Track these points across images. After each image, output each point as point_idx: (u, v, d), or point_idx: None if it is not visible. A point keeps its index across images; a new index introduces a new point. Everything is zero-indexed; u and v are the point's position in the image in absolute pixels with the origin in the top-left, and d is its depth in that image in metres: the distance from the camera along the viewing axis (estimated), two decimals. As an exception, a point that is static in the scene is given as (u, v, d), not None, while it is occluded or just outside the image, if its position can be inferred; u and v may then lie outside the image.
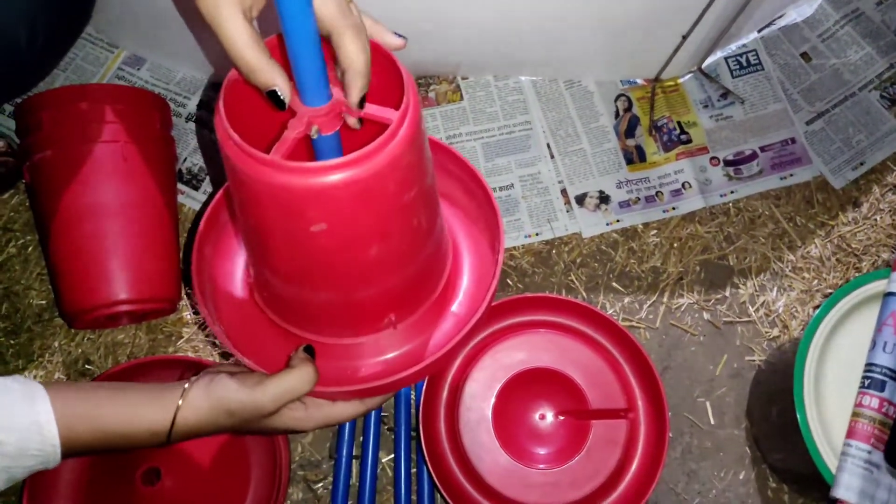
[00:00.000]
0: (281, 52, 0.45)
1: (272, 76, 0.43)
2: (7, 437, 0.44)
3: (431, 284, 0.57)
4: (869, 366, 0.64)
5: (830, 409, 0.65)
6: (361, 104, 0.45)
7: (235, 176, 0.44)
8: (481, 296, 0.58)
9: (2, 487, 0.45)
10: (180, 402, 0.50)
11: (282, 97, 0.43)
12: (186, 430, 0.51)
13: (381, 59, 0.46)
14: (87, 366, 0.79)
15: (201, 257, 0.56)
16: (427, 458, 0.69)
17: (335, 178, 0.41)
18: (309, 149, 0.48)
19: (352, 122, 0.46)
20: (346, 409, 0.56)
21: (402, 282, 0.53)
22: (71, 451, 0.47)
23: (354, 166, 0.41)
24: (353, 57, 0.44)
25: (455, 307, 0.59)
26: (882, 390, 0.62)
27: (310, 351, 0.54)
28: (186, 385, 0.51)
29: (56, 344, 0.80)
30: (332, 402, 0.55)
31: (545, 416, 0.74)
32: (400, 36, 0.49)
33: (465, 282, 0.60)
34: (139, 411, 0.50)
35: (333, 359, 0.56)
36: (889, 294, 0.66)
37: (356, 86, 0.44)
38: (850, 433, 0.62)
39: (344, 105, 0.45)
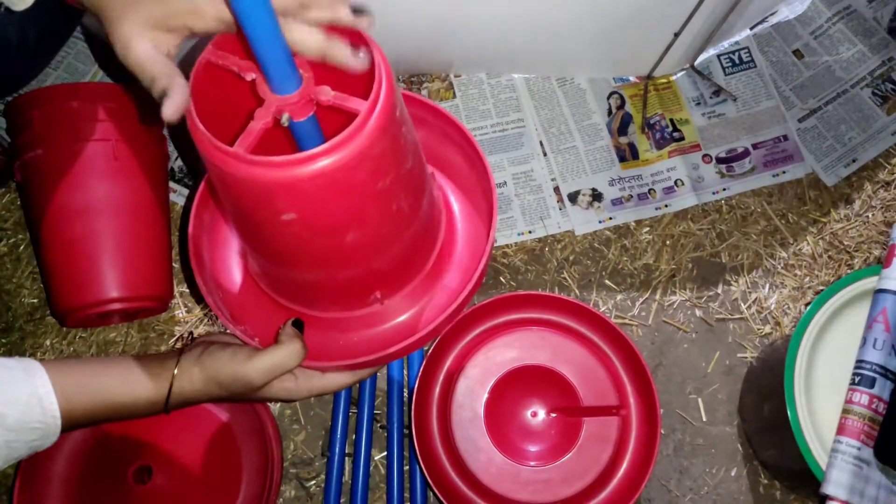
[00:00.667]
0: (243, 44, 0.43)
1: (170, 83, 0.42)
2: (8, 410, 0.45)
3: (419, 261, 0.57)
4: (859, 363, 0.64)
5: (821, 405, 0.65)
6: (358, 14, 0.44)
7: (207, 165, 0.44)
8: (474, 267, 0.56)
9: (2, 465, 0.46)
10: (175, 371, 0.52)
11: (168, 103, 0.41)
12: (182, 400, 0.53)
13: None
14: (79, 364, 0.79)
15: (199, 223, 0.57)
16: (419, 456, 0.69)
17: (301, 171, 0.40)
18: (289, 134, 0.47)
19: (326, 98, 0.43)
20: (336, 380, 0.56)
21: (386, 263, 0.52)
22: (71, 422, 0.48)
23: (321, 159, 0.40)
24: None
25: (447, 280, 0.59)
26: (872, 387, 0.63)
27: (298, 325, 0.54)
28: (181, 356, 0.53)
29: (48, 342, 0.80)
30: (322, 373, 0.56)
31: (537, 414, 0.74)
32: (360, 13, 0.47)
33: (459, 253, 0.60)
34: (136, 382, 0.52)
35: (324, 330, 0.56)
36: (879, 291, 0.66)
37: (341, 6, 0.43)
38: (840, 430, 0.63)
39: (314, 90, 0.43)
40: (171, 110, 0.41)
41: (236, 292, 0.58)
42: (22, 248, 0.84)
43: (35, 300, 0.82)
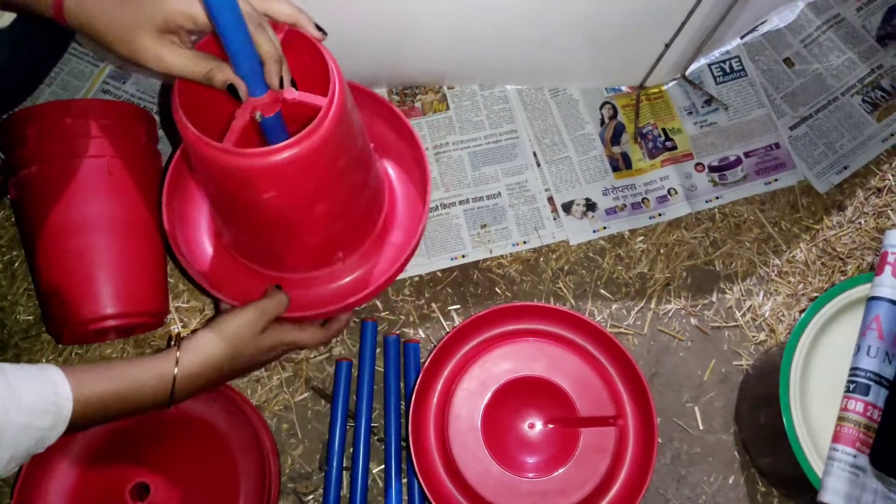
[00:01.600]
0: (223, 57, 0.53)
1: (224, 73, 0.52)
2: (24, 392, 0.47)
3: (371, 223, 0.70)
4: (854, 370, 0.65)
5: (816, 412, 0.66)
6: (290, 84, 0.55)
7: (197, 159, 0.53)
8: (415, 225, 0.71)
9: (13, 457, 0.46)
10: (179, 349, 0.57)
11: (239, 91, 0.52)
12: (188, 376, 0.57)
13: (309, 49, 0.56)
14: (74, 381, 0.79)
15: (171, 211, 0.68)
16: (417, 469, 0.69)
17: (278, 158, 0.52)
18: (258, 127, 0.57)
19: (291, 97, 0.54)
20: (314, 336, 0.67)
21: (346, 226, 0.65)
22: (82, 405, 0.50)
23: (294, 147, 0.52)
24: (263, 48, 0.52)
25: (394, 238, 0.73)
26: (866, 394, 0.63)
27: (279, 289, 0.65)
28: (177, 353, 0.57)
29: (43, 360, 0.80)
30: (300, 330, 0.65)
31: (534, 425, 0.74)
32: (320, 29, 0.57)
33: (401, 215, 0.74)
34: (143, 363, 0.56)
35: (297, 288, 0.68)
36: (872, 298, 0.66)
37: (272, 71, 0.53)
38: (836, 437, 0.63)
39: (281, 91, 0.54)
40: (244, 91, 0.52)
41: (212, 264, 0.71)
42: (17, 264, 0.83)
43: (30, 317, 0.82)
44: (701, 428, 0.80)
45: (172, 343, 0.60)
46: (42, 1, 0.52)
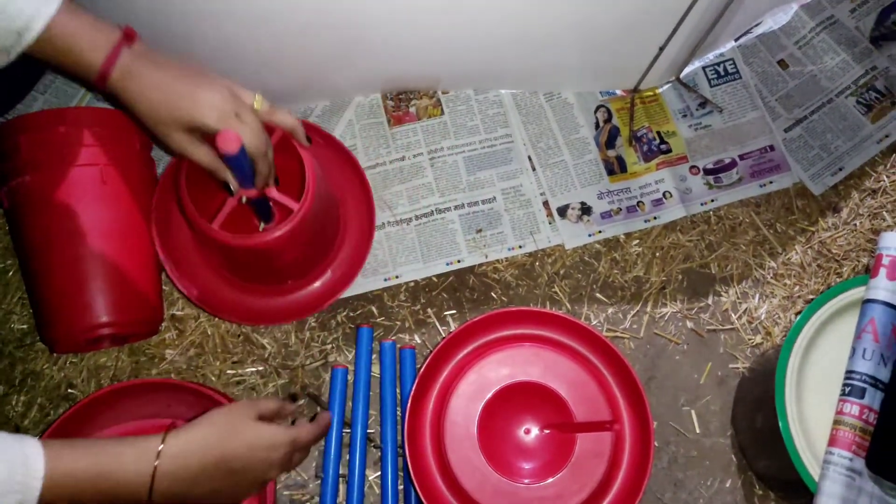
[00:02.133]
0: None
1: (225, 174, 0.65)
2: None
3: (329, 249, 0.82)
4: (849, 373, 0.65)
5: (813, 415, 0.66)
6: (274, 182, 0.70)
7: (195, 229, 0.69)
8: (364, 245, 0.83)
9: None
10: (161, 447, 0.50)
11: (231, 186, 0.67)
12: (171, 471, 0.50)
13: (295, 156, 0.70)
14: (69, 390, 0.79)
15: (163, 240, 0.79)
16: (413, 476, 0.69)
17: (252, 241, 0.68)
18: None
19: (273, 196, 0.70)
20: (309, 431, 0.62)
21: (312, 257, 0.79)
22: (52, 484, 0.45)
23: (265, 235, 0.67)
24: (260, 169, 0.66)
25: (345, 254, 0.84)
26: (862, 397, 0.63)
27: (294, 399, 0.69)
28: (163, 436, 0.51)
29: (38, 368, 0.80)
30: (296, 428, 0.60)
31: (530, 431, 0.74)
32: (309, 140, 0.70)
33: (350, 242, 0.84)
34: (124, 446, 0.50)
35: (268, 297, 0.81)
36: (867, 301, 0.66)
37: (262, 182, 0.68)
38: (832, 441, 0.63)
39: (271, 190, 0.69)
40: (235, 188, 0.67)
41: (203, 277, 0.81)
42: (10, 273, 0.83)
43: (24, 326, 0.82)
44: (698, 431, 0.80)
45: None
46: (87, 67, 0.56)
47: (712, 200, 0.88)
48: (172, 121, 0.60)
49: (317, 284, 0.82)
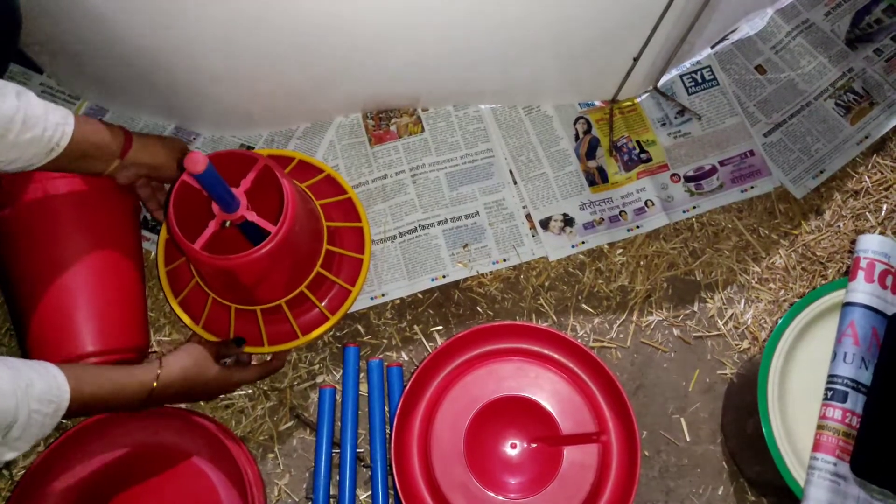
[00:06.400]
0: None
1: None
2: (36, 380, 0.55)
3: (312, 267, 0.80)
4: (831, 377, 0.65)
5: (797, 420, 0.66)
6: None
7: (181, 248, 0.69)
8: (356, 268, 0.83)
9: (20, 441, 0.55)
10: (159, 371, 0.67)
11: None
12: (167, 380, 0.67)
13: (275, 183, 0.71)
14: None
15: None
16: (401, 495, 0.69)
17: (233, 262, 0.68)
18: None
19: (253, 219, 0.71)
20: (253, 373, 0.76)
21: (293, 275, 0.77)
22: (78, 397, 0.58)
23: (245, 258, 0.68)
24: None
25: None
26: (844, 401, 0.63)
27: (239, 342, 0.77)
28: (159, 370, 0.67)
29: (27, 399, 0.80)
30: (242, 370, 0.75)
31: (517, 445, 0.74)
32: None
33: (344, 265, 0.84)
34: (131, 369, 0.66)
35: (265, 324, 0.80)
36: (846, 304, 0.66)
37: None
38: (816, 446, 0.63)
39: (246, 213, 0.70)
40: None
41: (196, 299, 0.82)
42: (-1, 305, 0.84)
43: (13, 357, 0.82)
44: (688, 439, 0.80)
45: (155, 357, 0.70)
46: (108, 154, 0.70)
47: (694, 207, 0.89)
48: (167, 174, 0.77)
49: (314, 311, 0.82)
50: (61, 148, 0.64)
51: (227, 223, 0.70)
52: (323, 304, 0.81)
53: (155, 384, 0.66)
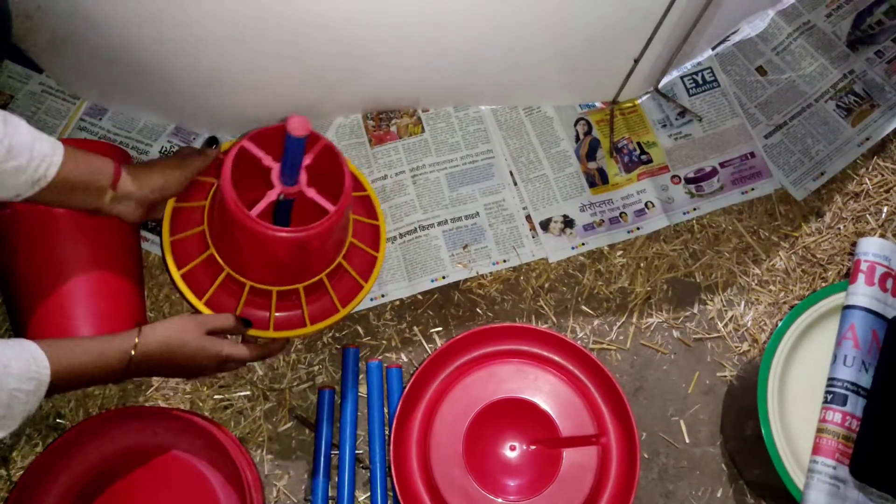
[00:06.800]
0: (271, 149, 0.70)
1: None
2: (11, 361, 0.55)
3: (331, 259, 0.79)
4: (831, 380, 0.65)
5: (797, 423, 0.66)
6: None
7: (229, 218, 0.67)
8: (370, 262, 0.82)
9: (7, 420, 0.55)
10: (137, 339, 0.65)
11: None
12: (145, 350, 0.65)
13: (337, 162, 0.71)
14: (58, 420, 0.79)
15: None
16: (400, 497, 0.69)
17: (287, 235, 0.67)
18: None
19: (311, 196, 0.70)
20: (248, 351, 0.72)
21: (317, 264, 0.77)
22: (58, 374, 0.58)
23: (301, 232, 0.67)
24: None
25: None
26: (844, 405, 0.63)
27: (246, 323, 0.74)
28: (137, 339, 0.65)
29: (26, 399, 0.80)
30: (235, 345, 0.72)
31: (516, 447, 0.74)
32: None
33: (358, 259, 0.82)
34: (109, 339, 0.64)
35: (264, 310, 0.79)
36: (847, 307, 0.66)
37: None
38: (816, 449, 0.63)
39: (305, 189, 0.70)
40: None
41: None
42: (-2, 305, 0.84)
43: (12, 357, 0.82)
44: (687, 441, 0.80)
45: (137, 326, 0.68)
46: (98, 186, 0.66)
47: (694, 209, 0.89)
48: (171, 194, 0.74)
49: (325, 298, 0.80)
50: (48, 179, 0.61)
51: (281, 197, 0.69)
52: (338, 295, 0.79)
53: (133, 352, 0.64)
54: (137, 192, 0.70)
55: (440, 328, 0.84)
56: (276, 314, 0.77)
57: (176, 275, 0.75)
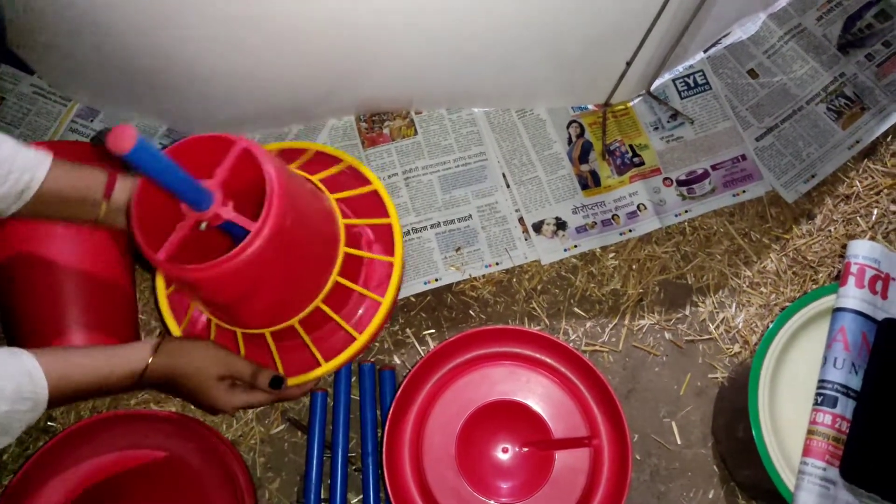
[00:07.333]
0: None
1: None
2: (4, 382, 0.52)
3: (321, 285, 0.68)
4: (821, 382, 0.65)
5: (788, 425, 0.66)
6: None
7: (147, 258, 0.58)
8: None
9: (10, 427, 0.53)
10: (150, 361, 0.61)
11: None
12: (153, 375, 0.62)
13: (257, 169, 0.57)
14: (49, 423, 0.79)
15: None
16: (393, 499, 0.69)
17: (198, 275, 0.55)
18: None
19: (227, 215, 0.58)
20: (261, 398, 0.68)
21: (295, 293, 0.65)
22: (58, 392, 0.56)
23: (214, 269, 0.54)
24: None
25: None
26: (834, 406, 0.63)
27: (276, 382, 0.67)
28: (149, 361, 0.62)
29: (17, 402, 0.80)
30: (249, 395, 0.67)
31: (508, 449, 0.74)
32: None
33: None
34: (116, 358, 0.61)
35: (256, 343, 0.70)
36: (837, 309, 0.67)
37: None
38: (806, 451, 0.63)
39: (220, 209, 0.57)
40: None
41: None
42: (-12, 307, 0.83)
43: (3, 360, 0.81)
44: (679, 443, 0.80)
45: (158, 333, 0.65)
46: (90, 197, 0.63)
47: (686, 211, 0.89)
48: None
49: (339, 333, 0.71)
50: (32, 191, 0.59)
51: (204, 225, 0.58)
52: (353, 320, 0.69)
53: (142, 376, 0.61)
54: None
55: (433, 330, 0.84)
56: (286, 355, 0.69)
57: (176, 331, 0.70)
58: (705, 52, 0.96)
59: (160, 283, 0.75)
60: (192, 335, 0.73)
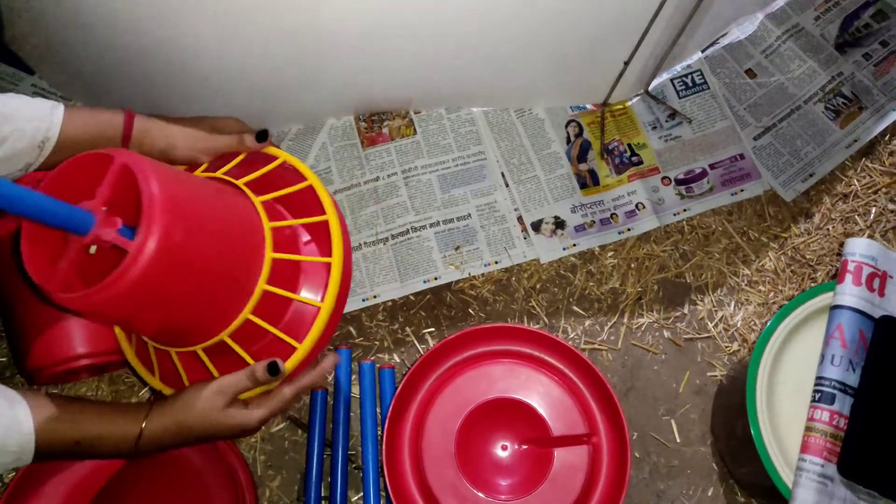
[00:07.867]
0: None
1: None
2: None
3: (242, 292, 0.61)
4: (819, 379, 0.65)
5: (786, 422, 0.66)
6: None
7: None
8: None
9: None
10: (147, 413, 0.58)
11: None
12: (152, 437, 0.58)
13: (136, 187, 0.52)
14: (50, 422, 0.79)
15: None
16: (392, 497, 0.69)
17: (83, 302, 0.50)
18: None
19: (108, 238, 0.53)
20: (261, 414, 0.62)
21: (213, 301, 0.59)
22: (45, 449, 0.53)
23: (98, 294, 0.49)
24: None
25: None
26: (832, 403, 0.63)
27: (273, 370, 0.59)
28: (154, 402, 0.59)
29: (18, 401, 0.80)
30: (249, 412, 0.61)
31: (507, 447, 0.74)
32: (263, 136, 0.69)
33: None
34: (110, 419, 0.57)
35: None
36: (835, 307, 0.67)
37: None
38: (804, 448, 0.63)
39: (102, 231, 0.52)
40: None
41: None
42: (-11, 307, 0.83)
43: (4, 359, 0.82)
44: (678, 441, 0.80)
45: (150, 398, 0.61)
46: (108, 141, 0.61)
47: (685, 210, 0.89)
48: (195, 147, 0.68)
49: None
50: (52, 140, 0.57)
51: (93, 248, 0.54)
52: (295, 329, 0.62)
53: (137, 441, 0.57)
54: (148, 146, 0.64)
55: (432, 329, 0.84)
56: (224, 371, 0.61)
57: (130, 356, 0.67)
58: (703, 51, 0.97)
59: (119, 332, 0.69)
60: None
